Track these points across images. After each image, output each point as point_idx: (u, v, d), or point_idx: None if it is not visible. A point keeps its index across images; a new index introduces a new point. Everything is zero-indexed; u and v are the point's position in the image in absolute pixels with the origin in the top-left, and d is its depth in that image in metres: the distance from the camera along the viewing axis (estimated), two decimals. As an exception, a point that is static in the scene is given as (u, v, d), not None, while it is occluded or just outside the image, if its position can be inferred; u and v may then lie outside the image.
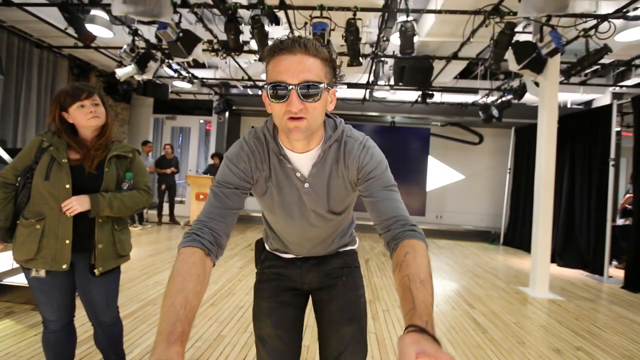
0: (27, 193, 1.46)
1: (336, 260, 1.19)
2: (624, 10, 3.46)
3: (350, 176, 0.97)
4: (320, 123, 0.90)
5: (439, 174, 8.87)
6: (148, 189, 1.65)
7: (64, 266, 1.43)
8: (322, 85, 0.82)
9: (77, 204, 1.41)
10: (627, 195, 5.87)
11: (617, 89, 6.65)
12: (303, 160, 0.97)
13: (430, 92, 6.50)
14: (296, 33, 4.22)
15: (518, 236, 7.39)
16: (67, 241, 1.43)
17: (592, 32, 3.68)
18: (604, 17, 3.54)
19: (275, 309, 1.11)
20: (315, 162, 0.96)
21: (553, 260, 5.78)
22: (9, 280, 2.87)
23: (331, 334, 1.11)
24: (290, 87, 0.80)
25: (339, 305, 1.12)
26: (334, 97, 0.92)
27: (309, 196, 0.99)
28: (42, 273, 1.43)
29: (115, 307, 1.62)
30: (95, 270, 1.48)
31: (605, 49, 3.76)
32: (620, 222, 5.87)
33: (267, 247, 1.25)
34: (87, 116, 1.46)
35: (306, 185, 0.98)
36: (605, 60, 5.56)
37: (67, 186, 1.43)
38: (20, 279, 2.89)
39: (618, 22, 3.77)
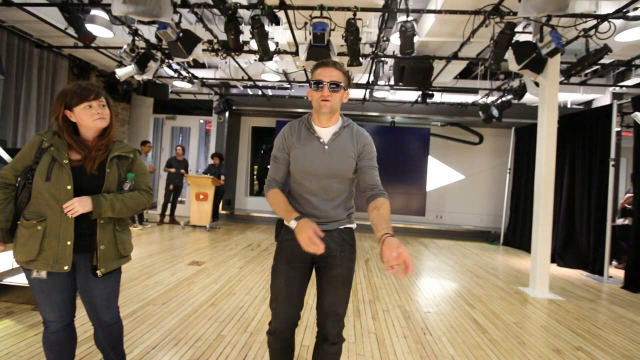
0: (27, 193, 1.45)
1: (338, 235, 1.57)
2: (624, 10, 3.46)
3: (358, 148, 1.53)
4: (338, 107, 1.50)
5: (439, 174, 8.87)
6: (149, 190, 1.64)
7: (66, 267, 1.43)
8: (341, 84, 1.46)
9: (79, 206, 1.40)
10: (628, 195, 5.87)
11: (617, 89, 6.65)
12: (325, 131, 1.54)
13: (430, 92, 6.50)
14: (296, 33, 4.24)
15: (518, 236, 7.39)
16: (69, 242, 1.43)
17: (592, 32, 3.68)
18: (604, 17, 3.54)
19: (288, 270, 1.54)
20: (335, 132, 1.53)
21: (553, 260, 5.79)
22: (9, 280, 2.87)
23: (328, 292, 1.54)
24: (324, 83, 1.44)
25: (337, 273, 1.53)
26: (347, 95, 1.54)
27: (327, 155, 1.50)
28: (43, 274, 1.42)
29: (116, 307, 1.62)
30: (98, 272, 1.47)
31: (605, 49, 3.76)
32: (619, 221, 5.87)
33: (285, 222, 1.59)
34: (93, 117, 1.45)
35: (326, 147, 1.51)
36: (605, 60, 5.56)
37: (69, 187, 1.42)
38: (20, 279, 2.89)
39: (618, 22, 3.77)
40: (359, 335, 2.70)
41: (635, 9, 3.48)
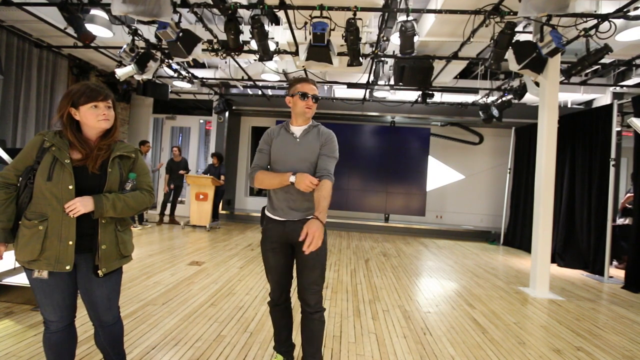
0: (28, 193, 1.45)
1: (302, 225, 1.76)
2: (625, 10, 3.45)
3: (320, 140, 1.90)
4: (313, 114, 1.94)
5: (439, 174, 8.86)
6: (151, 189, 1.64)
7: (68, 267, 1.42)
8: (318, 97, 1.94)
9: (81, 205, 1.40)
10: (628, 195, 5.87)
11: (618, 89, 6.65)
12: (298, 129, 1.94)
13: (430, 92, 6.49)
14: (296, 33, 4.23)
15: (518, 236, 7.39)
16: (71, 242, 1.42)
17: (592, 31, 3.68)
18: (605, 17, 3.53)
19: (272, 254, 1.92)
20: (305, 129, 1.94)
21: (553, 261, 5.79)
22: (8, 280, 2.87)
23: (303, 272, 1.88)
24: (310, 95, 1.88)
25: (305, 257, 1.81)
26: (316, 105, 1.96)
27: (299, 146, 1.89)
28: (45, 274, 1.42)
29: (116, 307, 1.62)
30: (99, 271, 1.47)
31: (606, 49, 3.75)
32: (620, 221, 5.87)
33: (267, 212, 1.98)
34: (98, 117, 1.46)
35: (297, 140, 1.91)
36: (606, 60, 5.56)
37: (71, 187, 1.42)
38: (20, 279, 2.89)
39: (619, 21, 3.77)
40: (359, 335, 2.69)
41: (636, 8, 3.47)
